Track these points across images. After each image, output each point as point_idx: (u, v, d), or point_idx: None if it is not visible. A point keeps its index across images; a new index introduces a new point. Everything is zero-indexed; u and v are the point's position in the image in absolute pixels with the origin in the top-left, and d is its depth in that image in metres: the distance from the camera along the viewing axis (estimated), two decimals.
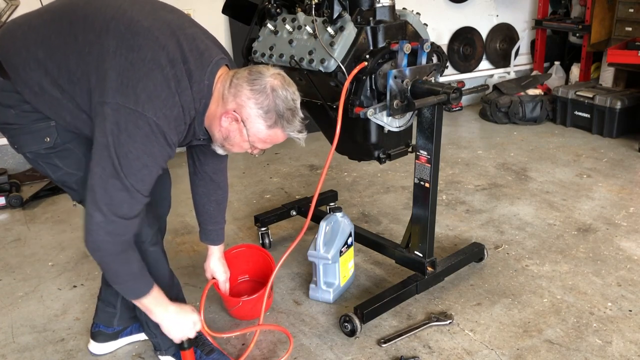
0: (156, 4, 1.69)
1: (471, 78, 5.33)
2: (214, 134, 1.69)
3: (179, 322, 1.82)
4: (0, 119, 1.67)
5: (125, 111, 1.49)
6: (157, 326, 1.90)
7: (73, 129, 1.66)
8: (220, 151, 1.74)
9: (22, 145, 1.69)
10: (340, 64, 2.09)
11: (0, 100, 1.62)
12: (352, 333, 2.18)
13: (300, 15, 2.27)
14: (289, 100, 1.61)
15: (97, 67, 1.52)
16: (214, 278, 2.21)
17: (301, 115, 1.67)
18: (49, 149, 1.68)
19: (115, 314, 2.10)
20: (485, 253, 2.65)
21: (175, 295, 1.95)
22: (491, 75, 5.47)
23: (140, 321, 1.98)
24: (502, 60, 5.56)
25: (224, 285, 2.23)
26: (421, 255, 2.35)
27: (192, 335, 1.87)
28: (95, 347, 2.14)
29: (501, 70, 5.55)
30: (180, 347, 1.92)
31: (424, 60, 2.14)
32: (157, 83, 1.51)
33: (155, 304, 1.75)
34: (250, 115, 1.60)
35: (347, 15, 2.14)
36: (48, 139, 1.66)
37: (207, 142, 1.76)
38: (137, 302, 1.74)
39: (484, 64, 5.55)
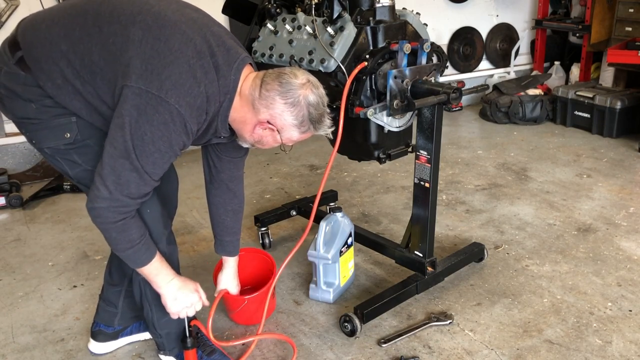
0: (181, 2, 1.70)
1: (471, 78, 5.33)
2: (244, 136, 1.71)
3: (178, 295, 1.82)
4: (19, 113, 1.66)
5: (148, 96, 1.50)
6: (163, 326, 1.91)
7: (93, 122, 1.66)
8: (246, 146, 1.77)
9: (40, 141, 1.68)
10: (340, 64, 2.09)
11: (21, 94, 1.62)
12: (352, 333, 2.18)
13: (300, 15, 2.27)
14: (320, 105, 1.65)
15: (120, 56, 1.53)
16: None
17: (328, 111, 1.71)
18: (69, 144, 1.68)
19: (116, 313, 2.10)
20: (485, 253, 2.65)
21: None
22: (491, 75, 5.47)
23: (146, 321, 1.98)
24: (502, 60, 5.56)
25: None
26: (421, 255, 2.35)
27: (190, 313, 1.87)
28: (95, 346, 2.14)
29: (501, 70, 5.55)
30: (184, 346, 1.92)
31: (424, 60, 2.14)
32: (182, 71, 1.52)
33: (156, 274, 1.76)
34: (285, 125, 1.63)
35: (347, 15, 2.14)
36: (68, 134, 1.66)
37: (228, 139, 1.77)
38: (139, 271, 1.75)
39: (484, 64, 5.55)
